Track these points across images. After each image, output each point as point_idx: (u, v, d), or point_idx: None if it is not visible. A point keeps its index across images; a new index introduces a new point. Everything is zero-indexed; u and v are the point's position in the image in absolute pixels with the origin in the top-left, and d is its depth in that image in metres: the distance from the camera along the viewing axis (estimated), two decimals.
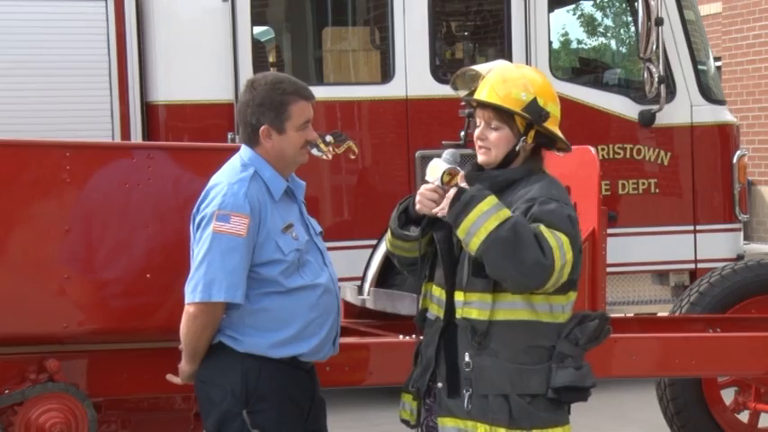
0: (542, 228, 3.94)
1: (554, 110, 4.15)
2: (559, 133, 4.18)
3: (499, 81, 4.14)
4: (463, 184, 4.10)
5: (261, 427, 4.29)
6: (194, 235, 4.38)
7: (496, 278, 3.99)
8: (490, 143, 4.12)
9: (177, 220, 4.78)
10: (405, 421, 4.34)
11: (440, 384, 4.14)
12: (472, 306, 4.05)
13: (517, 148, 4.11)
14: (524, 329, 4.04)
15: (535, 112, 4.09)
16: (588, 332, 4.08)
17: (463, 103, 4.71)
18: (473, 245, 3.95)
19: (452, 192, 4.02)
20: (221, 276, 4.24)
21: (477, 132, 4.17)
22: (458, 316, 4.08)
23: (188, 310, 4.31)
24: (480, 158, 4.17)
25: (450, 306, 4.11)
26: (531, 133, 4.12)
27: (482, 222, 3.93)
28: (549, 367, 4.04)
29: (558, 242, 3.94)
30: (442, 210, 4.04)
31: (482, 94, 4.16)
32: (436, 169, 4.11)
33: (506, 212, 3.95)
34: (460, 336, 4.08)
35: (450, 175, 4.09)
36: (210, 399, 4.36)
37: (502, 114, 4.11)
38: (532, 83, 4.14)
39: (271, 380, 4.32)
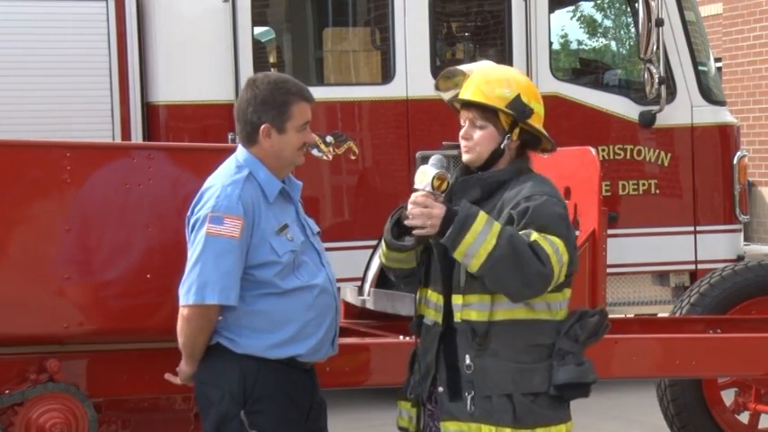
0: (535, 236, 3.94)
1: (538, 108, 4.16)
2: (544, 131, 4.18)
3: (482, 80, 4.16)
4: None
5: (259, 427, 4.27)
6: (188, 237, 4.37)
7: (497, 291, 3.99)
8: (475, 142, 4.13)
9: (177, 221, 4.77)
10: (403, 429, 4.33)
11: (441, 389, 4.13)
12: (471, 308, 4.04)
13: (502, 146, 4.12)
14: (524, 328, 4.04)
15: (519, 108, 4.09)
16: (588, 328, 4.10)
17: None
18: (473, 266, 3.94)
19: (441, 211, 3.98)
20: (214, 278, 4.23)
21: (461, 132, 4.17)
22: (456, 319, 4.07)
23: (182, 312, 4.30)
24: (465, 157, 4.16)
25: (448, 310, 4.11)
26: (516, 131, 4.12)
27: (480, 243, 3.91)
28: (550, 365, 4.05)
29: (552, 247, 3.94)
30: (433, 228, 3.99)
31: (466, 93, 4.17)
32: (425, 175, 4.08)
33: (498, 227, 3.94)
34: (460, 339, 4.08)
35: (440, 179, 4.06)
36: (209, 399, 4.35)
37: (486, 113, 4.12)
38: (515, 81, 4.16)
39: (269, 381, 4.31)
